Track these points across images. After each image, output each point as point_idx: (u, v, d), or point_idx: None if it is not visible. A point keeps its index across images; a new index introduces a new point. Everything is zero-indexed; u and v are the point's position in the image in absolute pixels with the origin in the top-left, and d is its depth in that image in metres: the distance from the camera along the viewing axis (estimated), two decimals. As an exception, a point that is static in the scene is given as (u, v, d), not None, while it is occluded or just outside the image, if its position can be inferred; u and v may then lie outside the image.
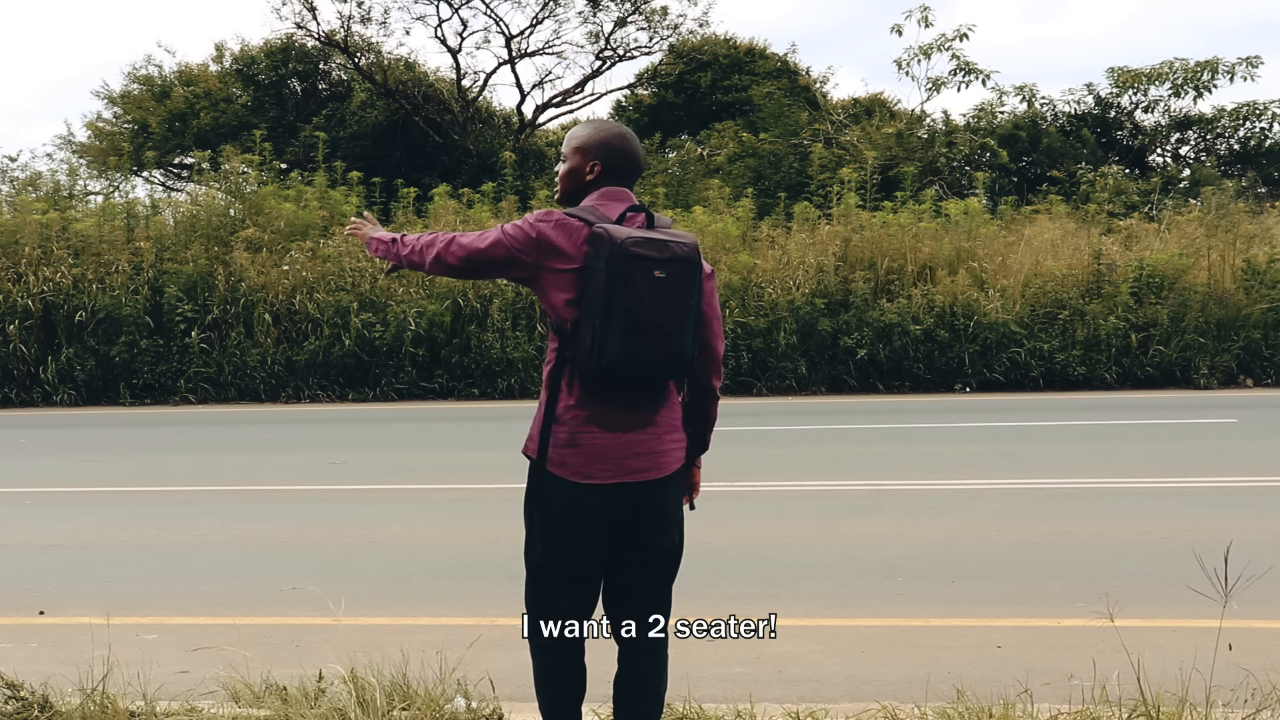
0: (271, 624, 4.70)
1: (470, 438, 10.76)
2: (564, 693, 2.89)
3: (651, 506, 2.78)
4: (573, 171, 2.83)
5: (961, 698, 3.37)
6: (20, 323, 14.03)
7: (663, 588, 2.90)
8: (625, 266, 2.57)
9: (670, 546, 2.87)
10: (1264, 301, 13.75)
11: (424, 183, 17.89)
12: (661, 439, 2.77)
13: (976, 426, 10.31)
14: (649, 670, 2.88)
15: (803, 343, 13.56)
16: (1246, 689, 3.35)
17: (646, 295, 2.59)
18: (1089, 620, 4.11)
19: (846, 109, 23.82)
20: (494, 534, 5.96)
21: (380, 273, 2.75)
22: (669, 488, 2.82)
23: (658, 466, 2.77)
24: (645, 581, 2.86)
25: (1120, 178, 18.86)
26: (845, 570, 5.35)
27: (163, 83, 25.31)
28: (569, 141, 2.86)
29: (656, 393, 2.78)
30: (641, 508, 2.77)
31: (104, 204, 16.53)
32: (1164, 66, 20.52)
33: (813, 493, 7.32)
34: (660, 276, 2.61)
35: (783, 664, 4.14)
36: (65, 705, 3.50)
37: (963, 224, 14.81)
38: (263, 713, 3.44)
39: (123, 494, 7.89)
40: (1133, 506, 6.69)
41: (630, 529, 2.79)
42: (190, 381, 13.78)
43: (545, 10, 23.21)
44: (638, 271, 2.58)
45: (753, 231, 15.15)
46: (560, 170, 2.87)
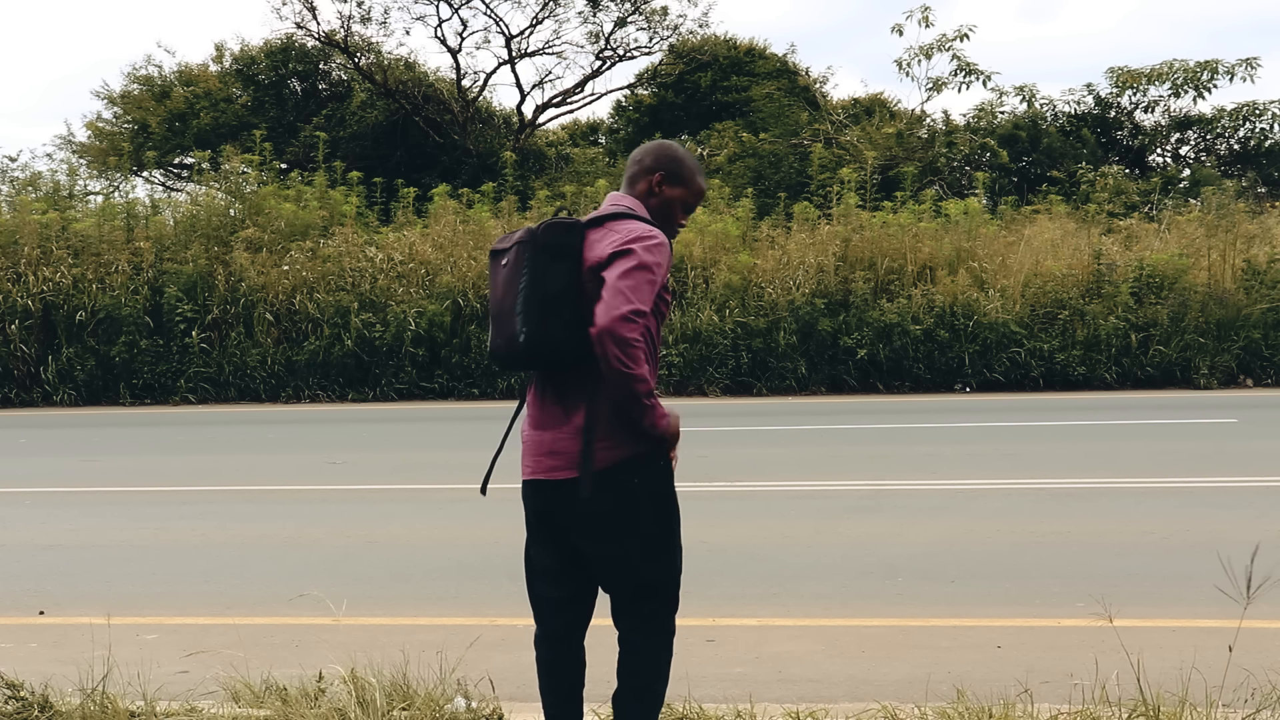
0: (271, 624, 4.69)
1: (470, 438, 10.75)
2: (557, 684, 2.93)
3: (569, 507, 2.73)
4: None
5: (961, 698, 3.37)
6: (20, 323, 14.04)
7: (635, 600, 2.82)
8: (490, 263, 2.77)
9: (607, 556, 2.78)
10: (1264, 301, 13.75)
11: (424, 183, 17.90)
12: (575, 439, 2.69)
13: (976, 426, 10.30)
14: (626, 670, 2.87)
15: (803, 343, 13.56)
16: (1247, 689, 3.35)
17: (494, 285, 2.74)
18: (1089, 620, 4.11)
19: (846, 109, 23.83)
20: (494, 534, 5.95)
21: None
22: (592, 490, 2.67)
23: (568, 466, 2.71)
24: (609, 587, 2.86)
25: (1120, 178, 18.86)
26: (845, 570, 5.35)
27: (163, 83, 25.32)
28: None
29: (570, 391, 2.72)
30: (562, 508, 2.76)
31: (104, 204, 16.53)
32: (1164, 67, 20.55)
33: (813, 493, 7.32)
34: (503, 264, 2.70)
35: (783, 664, 4.14)
36: (65, 705, 3.50)
37: (963, 224, 14.81)
38: (263, 713, 3.44)
39: (123, 494, 7.89)
40: (1133, 506, 6.69)
41: (571, 532, 2.80)
42: (190, 381, 13.78)
43: (545, 10, 23.25)
44: (493, 265, 2.75)
45: (753, 231, 15.16)
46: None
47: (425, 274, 14.33)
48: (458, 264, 14.34)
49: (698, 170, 2.89)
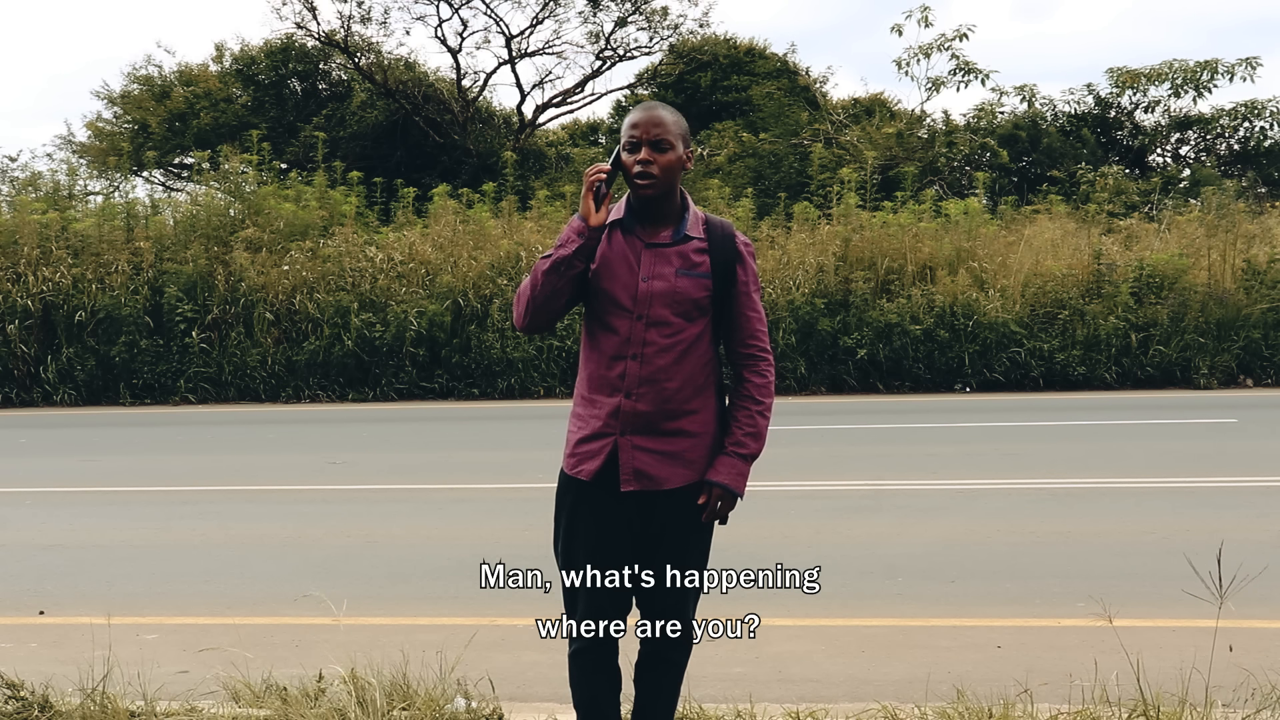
0: (271, 624, 4.70)
1: (470, 438, 10.76)
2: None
3: None
4: (681, 161, 2.76)
5: (961, 698, 3.37)
6: (20, 323, 14.03)
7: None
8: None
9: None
10: (1264, 301, 13.75)
11: (424, 183, 17.89)
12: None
13: (976, 426, 10.30)
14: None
15: (802, 343, 13.55)
16: (1246, 689, 3.35)
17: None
18: (1089, 620, 4.11)
19: (846, 109, 23.82)
20: (494, 534, 5.95)
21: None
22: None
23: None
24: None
25: (1120, 178, 18.86)
26: (845, 570, 5.35)
27: (163, 83, 25.31)
28: (679, 126, 2.76)
29: None
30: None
31: (104, 204, 16.50)
32: (1164, 66, 20.55)
33: (813, 493, 7.32)
34: None
35: (783, 664, 4.14)
36: (65, 705, 3.50)
37: (963, 224, 14.80)
38: (263, 713, 3.44)
39: (123, 494, 7.89)
40: (1133, 506, 6.69)
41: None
42: (190, 381, 13.77)
43: (545, 10, 23.24)
44: None
45: (753, 231, 15.14)
46: (669, 158, 2.73)
47: (425, 274, 14.33)
48: (458, 264, 14.34)
49: (631, 112, 2.81)
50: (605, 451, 2.75)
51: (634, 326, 2.72)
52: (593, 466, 2.76)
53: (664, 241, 2.77)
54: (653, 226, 2.78)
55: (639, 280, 2.73)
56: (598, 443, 2.76)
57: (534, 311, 2.76)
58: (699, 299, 2.75)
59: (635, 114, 2.75)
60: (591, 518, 2.79)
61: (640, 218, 2.79)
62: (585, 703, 2.92)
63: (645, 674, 2.95)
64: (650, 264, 2.74)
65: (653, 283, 2.73)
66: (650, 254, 2.75)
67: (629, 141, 2.72)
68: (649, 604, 2.86)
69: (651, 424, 2.74)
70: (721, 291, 2.78)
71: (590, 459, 2.77)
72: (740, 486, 2.80)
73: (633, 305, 2.72)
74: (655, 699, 2.97)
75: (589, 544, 2.80)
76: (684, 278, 2.74)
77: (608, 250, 2.75)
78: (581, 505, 2.80)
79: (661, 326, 2.72)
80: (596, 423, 2.76)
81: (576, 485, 2.80)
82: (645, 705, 2.98)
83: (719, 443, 2.83)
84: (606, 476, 2.76)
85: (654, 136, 2.69)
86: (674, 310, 2.73)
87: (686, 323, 2.74)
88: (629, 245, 2.76)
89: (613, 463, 2.75)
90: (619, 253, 2.76)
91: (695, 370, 2.76)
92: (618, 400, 2.74)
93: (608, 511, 2.78)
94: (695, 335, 2.76)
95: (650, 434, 2.74)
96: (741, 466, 2.81)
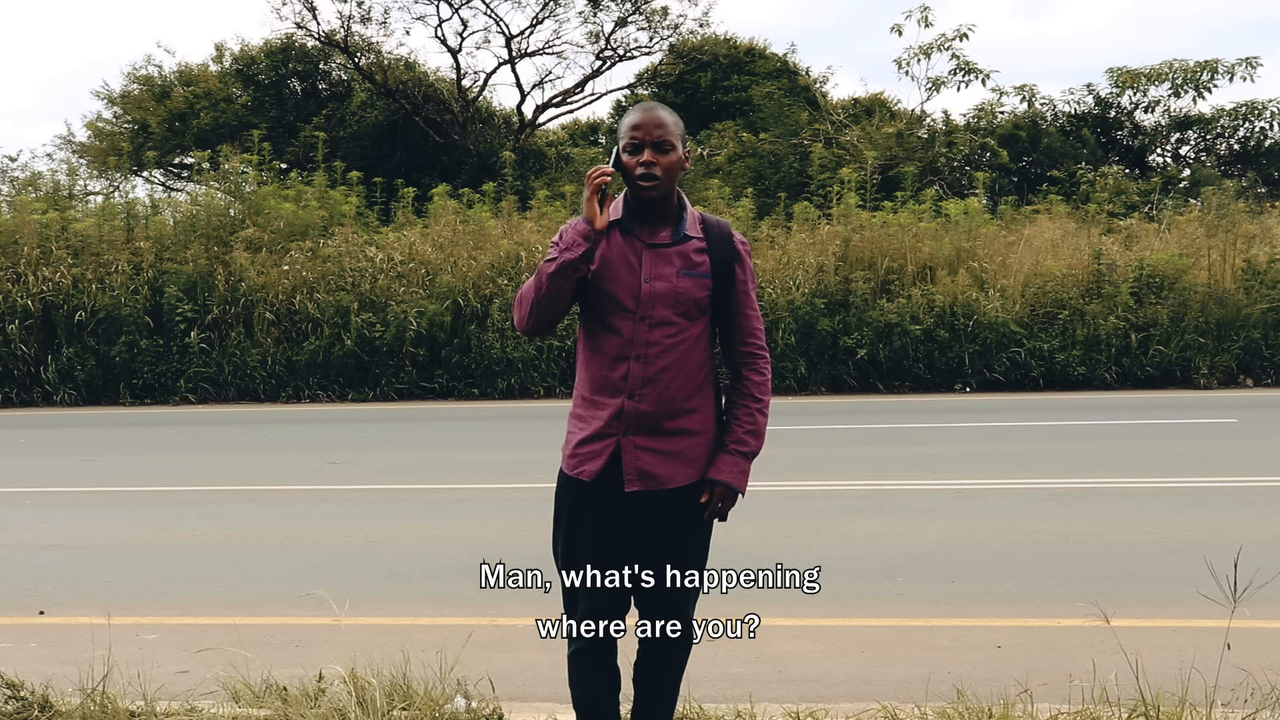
0: (272, 624, 4.70)
1: (470, 438, 10.76)
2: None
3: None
4: (681, 161, 2.76)
5: (961, 698, 3.37)
6: (20, 323, 14.03)
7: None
8: None
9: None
10: (1264, 301, 13.75)
11: (424, 183, 17.89)
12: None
13: (976, 426, 10.30)
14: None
15: (802, 343, 13.55)
16: (1246, 689, 3.35)
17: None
18: (1088, 620, 4.11)
19: (846, 109, 23.82)
20: (494, 534, 5.95)
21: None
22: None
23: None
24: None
25: (1120, 178, 18.86)
26: (845, 570, 5.34)
27: (163, 83, 25.31)
28: (679, 126, 2.75)
29: None
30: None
31: (104, 204, 16.50)
32: (1164, 66, 20.54)
33: (813, 493, 7.32)
34: None
35: (783, 664, 4.14)
36: (65, 705, 3.50)
37: (963, 224, 14.80)
38: (263, 713, 3.44)
39: (123, 494, 7.89)
40: (1133, 506, 6.69)
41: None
42: (190, 381, 13.77)
43: (545, 10, 23.24)
44: None
45: (753, 231, 15.14)
46: (671, 159, 2.72)
47: (425, 274, 14.32)
48: (458, 264, 14.33)
49: (630, 113, 2.79)
50: (607, 452, 2.75)
51: (636, 328, 2.72)
52: (594, 467, 2.76)
53: (664, 242, 2.77)
54: (652, 227, 2.78)
55: (641, 281, 2.73)
56: (599, 444, 2.76)
57: (538, 315, 2.75)
58: (700, 299, 2.75)
59: (635, 115, 2.74)
60: (593, 518, 2.79)
61: (639, 218, 2.78)
62: (585, 703, 2.92)
63: (645, 673, 2.95)
64: (651, 265, 2.74)
65: (655, 283, 2.73)
66: (651, 255, 2.75)
67: (630, 143, 2.71)
68: (649, 604, 2.86)
69: (654, 424, 2.74)
70: (721, 291, 2.78)
71: (592, 460, 2.77)
72: (742, 484, 2.81)
73: (635, 306, 2.72)
74: (655, 699, 2.97)
75: (589, 544, 2.80)
76: (685, 278, 2.74)
77: (607, 251, 2.75)
78: (582, 506, 2.80)
79: (664, 327, 2.72)
80: (598, 424, 2.76)
81: (577, 486, 2.80)
82: (645, 705, 2.98)
83: (719, 441, 2.83)
84: (608, 477, 2.76)
85: (656, 138, 2.69)
86: (676, 310, 2.73)
87: (688, 323, 2.75)
88: (629, 246, 2.76)
89: (614, 463, 2.75)
90: (619, 254, 2.75)
91: (695, 369, 2.77)
92: (620, 401, 2.74)
93: (609, 512, 2.78)
94: (696, 335, 2.76)
95: (652, 434, 2.74)
96: (743, 464, 2.82)
